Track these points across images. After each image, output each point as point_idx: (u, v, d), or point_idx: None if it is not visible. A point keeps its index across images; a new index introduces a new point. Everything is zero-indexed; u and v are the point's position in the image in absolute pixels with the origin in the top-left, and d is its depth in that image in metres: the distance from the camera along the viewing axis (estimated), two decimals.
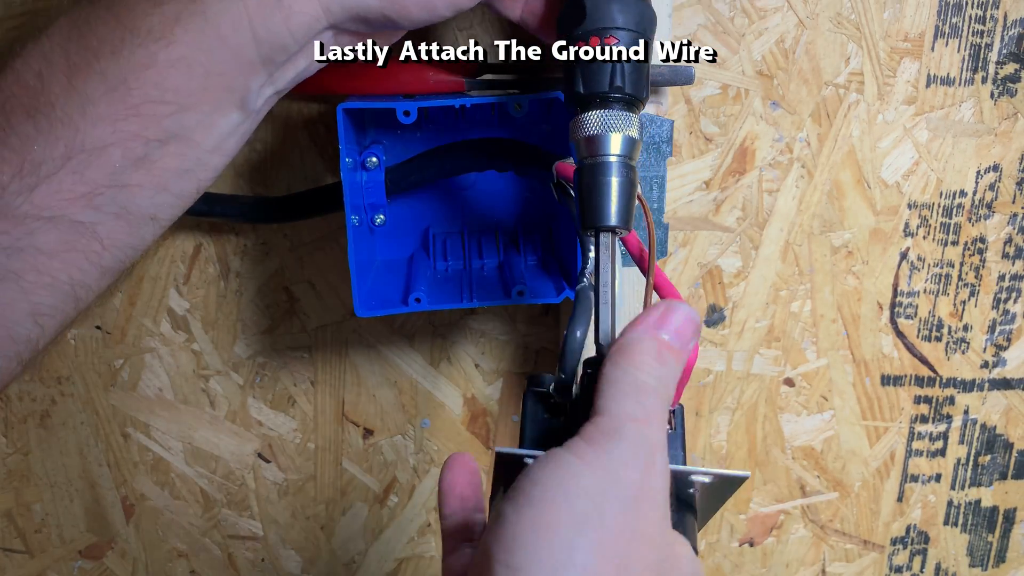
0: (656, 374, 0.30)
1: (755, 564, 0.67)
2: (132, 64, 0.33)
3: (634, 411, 0.29)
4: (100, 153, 0.33)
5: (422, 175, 0.50)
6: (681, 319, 0.32)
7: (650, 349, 0.31)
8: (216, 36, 0.33)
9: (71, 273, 0.34)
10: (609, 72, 0.37)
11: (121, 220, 0.35)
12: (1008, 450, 0.65)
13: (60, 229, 0.33)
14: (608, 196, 0.36)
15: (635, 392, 0.30)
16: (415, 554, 0.66)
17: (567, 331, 0.35)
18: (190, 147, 0.35)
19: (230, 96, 0.35)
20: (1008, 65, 0.56)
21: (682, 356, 0.32)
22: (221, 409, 0.61)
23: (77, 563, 0.64)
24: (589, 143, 0.37)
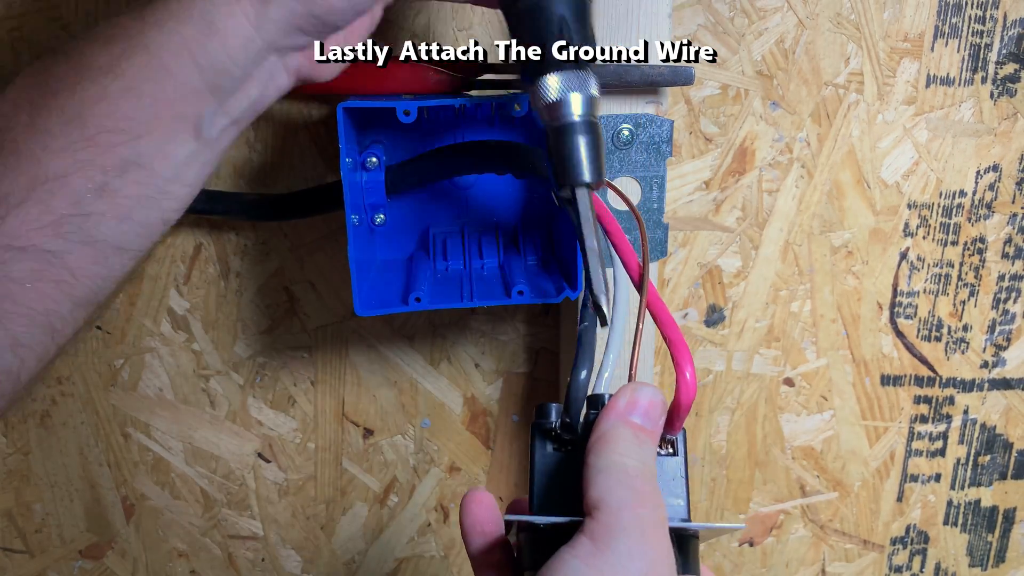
0: (638, 457, 0.33)
1: (755, 564, 0.67)
2: (85, 98, 0.35)
3: (627, 497, 0.31)
4: (62, 183, 0.35)
5: (421, 176, 0.50)
6: (648, 400, 0.35)
7: (626, 434, 0.33)
8: (160, 66, 0.35)
9: (45, 304, 0.36)
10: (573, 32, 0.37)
11: (88, 248, 0.36)
12: (1008, 450, 0.65)
13: (31, 258, 0.35)
14: (577, 153, 0.37)
15: (624, 477, 0.32)
16: (415, 554, 0.66)
17: (572, 374, 0.36)
18: (149, 175, 0.37)
19: (182, 124, 0.37)
20: (1008, 65, 0.56)
21: (655, 435, 0.34)
22: (221, 409, 0.61)
23: (77, 563, 0.64)
24: (551, 108, 0.38)
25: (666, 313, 0.37)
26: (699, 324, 0.61)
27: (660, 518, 0.32)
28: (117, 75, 0.35)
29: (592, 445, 0.33)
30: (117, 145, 0.35)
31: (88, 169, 0.35)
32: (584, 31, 0.38)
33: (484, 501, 0.38)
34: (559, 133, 0.37)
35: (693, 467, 0.64)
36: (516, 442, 0.63)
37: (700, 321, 0.61)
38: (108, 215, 0.36)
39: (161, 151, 0.36)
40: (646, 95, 0.50)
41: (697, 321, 0.61)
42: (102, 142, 0.35)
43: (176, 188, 0.38)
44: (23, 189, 0.35)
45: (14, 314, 0.35)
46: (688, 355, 0.35)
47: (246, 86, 0.38)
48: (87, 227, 0.36)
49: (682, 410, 0.35)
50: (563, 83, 0.37)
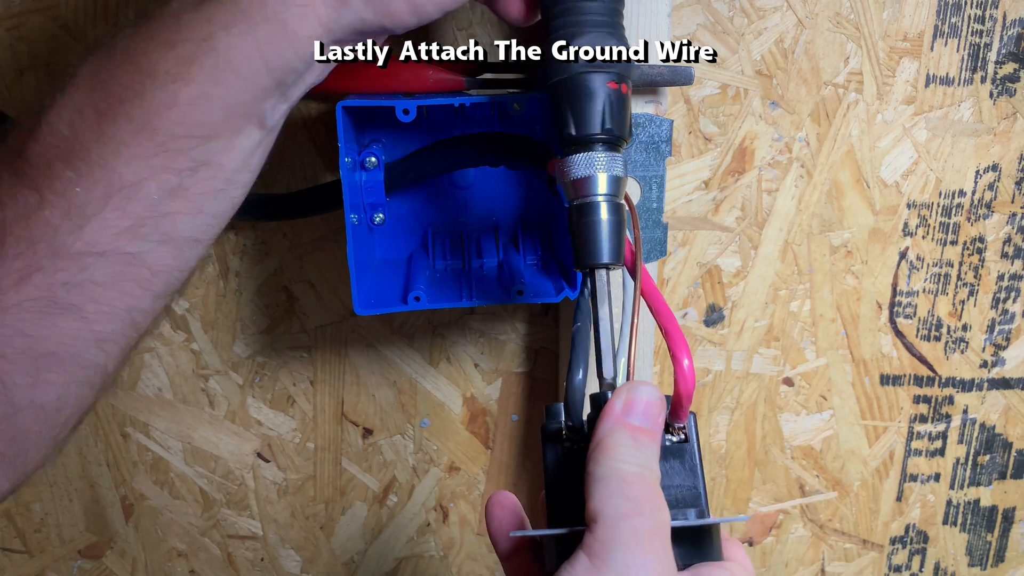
0: (636, 460, 0.33)
1: (755, 564, 0.67)
2: (155, 105, 0.35)
3: (623, 507, 0.31)
4: (137, 189, 0.36)
5: (417, 172, 0.50)
6: (645, 399, 0.34)
7: (624, 438, 0.33)
8: (230, 70, 0.36)
9: (126, 300, 0.37)
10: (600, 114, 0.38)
11: (166, 246, 0.37)
12: (1007, 449, 0.65)
13: (111, 262, 0.36)
14: (600, 235, 0.38)
15: (620, 486, 0.32)
16: (414, 553, 0.66)
17: (568, 376, 0.36)
18: (218, 171, 0.37)
19: (249, 120, 0.37)
20: (1007, 65, 0.56)
21: (655, 434, 0.34)
22: (220, 409, 0.61)
23: (77, 563, 0.64)
24: (577, 185, 0.38)
25: (663, 305, 0.37)
26: (699, 324, 0.61)
27: (658, 524, 0.32)
28: (187, 81, 0.35)
29: (591, 453, 0.33)
30: (189, 149, 0.36)
31: (162, 174, 0.36)
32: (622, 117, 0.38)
33: (507, 504, 0.39)
34: (582, 211, 0.38)
35: None
36: (515, 442, 0.63)
37: (700, 321, 0.61)
38: (182, 212, 0.37)
39: (229, 147, 0.37)
40: (646, 95, 0.50)
41: (697, 321, 0.61)
42: (174, 147, 0.36)
43: (243, 176, 0.39)
44: (99, 198, 0.35)
45: (98, 314, 0.36)
46: (685, 345, 0.35)
47: (306, 77, 0.38)
48: (163, 226, 0.37)
49: (684, 400, 0.35)
50: (591, 162, 0.38)
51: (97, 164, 0.35)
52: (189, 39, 0.35)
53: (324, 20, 0.36)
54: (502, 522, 0.38)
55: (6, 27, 0.52)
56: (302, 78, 0.38)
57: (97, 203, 0.35)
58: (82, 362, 0.37)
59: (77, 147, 0.35)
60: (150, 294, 0.38)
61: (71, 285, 0.35)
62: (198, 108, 0.36)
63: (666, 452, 0.36)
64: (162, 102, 0.35)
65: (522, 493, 0.64)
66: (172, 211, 0.37)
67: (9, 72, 0.53)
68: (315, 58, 0.38)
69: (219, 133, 0.36)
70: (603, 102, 0.38)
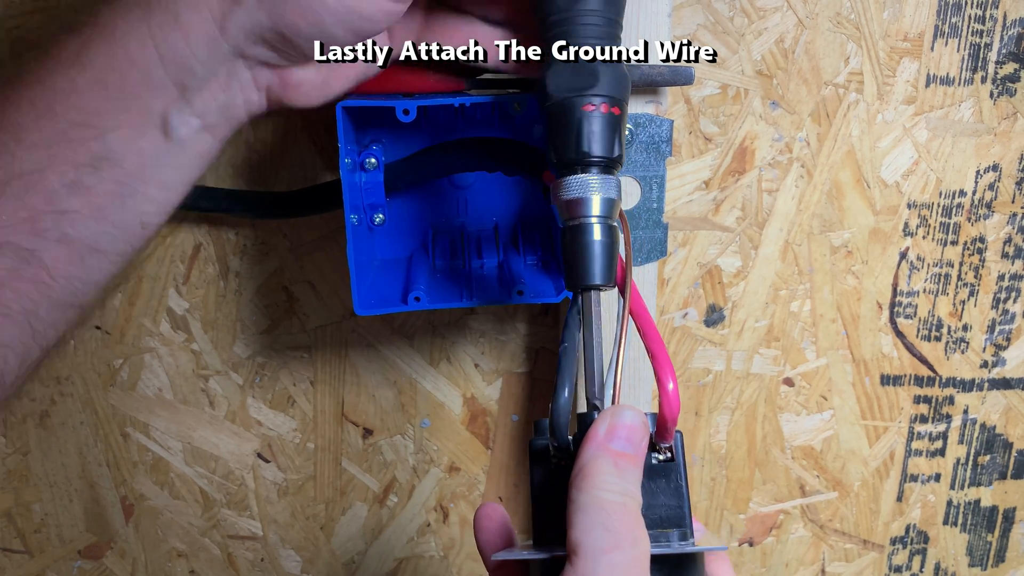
0: (617, 488, 0.32)
1: (755, 564, 0.67)
2: (55, 90, 0.35)
3: (603, 540, 0.31)
4: (37, 178, 0.35)
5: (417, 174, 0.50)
6: (628, 424, 0.34)
7: (606, 466, 0.33)
8: (124, 57, 0.35)
9: (23, 303, 0.36)
10: (609, 138, 0.38)
11: (64, 247, 0.36)
12: (1007, 450, 0.65)
13: (6, 256, 0.35)
14: (592, 256, 0.38)
15: (601, 516, 0.32)
16: (415, 554, 0.66)
17: (553, 396, 0.36)
18: (121, 172, 0.37)
19: (150, 120, 0.37)
20: (1007, 65, 0.56)
21: (638, 459, 0.34)
22: (221, 409, 0.61)
23: (77, 563, 0.64)
24: (570, 206, 0.38)
25: (650, 324, 0.38)
26: (699, 324, 0.61)
27: (636, 557, 0.32)
28: (84, 66, 0.35)
29: (573, 479, 0.33)
30: (88, 140, 0.36)
31: (61, 164, 0.35)
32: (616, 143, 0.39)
33: (495, 516, 0.38)
34: (575, 232, 0.38)
35: (692, 467, 0.64)
36: (516, 442, 0.63)
37: (700, 321, 0.61)
38: (83, 213, 0.36)
39: (131, 147, 0.36)
40: (646, 95, 0.50)
41: (697, 321, 0.60)
42: (74, 136, 0.35)
43: (151, 190, 0.38)
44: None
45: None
46: (670, 368, 0.36)
47: (211, 87, 0.37)
48: (62, 224, 0.36)
49: (669, 424, 0.35)
50: (587, 183, 0.38)
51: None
52: (91, 24, 0.36)
53: (216, 15, 0.36)
54: (490, 535, 0.38)
55: (7, 27, 0.52)
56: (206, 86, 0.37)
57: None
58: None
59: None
60: (48, 300, 0.37)
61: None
62: (95, 94, 0.35)
63: (652, 471, 0.36)
64: (62, 87, 0.35)
65: (522, 494, 0.64)
66: (71, 208, 0.36)
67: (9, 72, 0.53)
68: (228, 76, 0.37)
69: (117, 127, 0.36)
70: (599, 127, 0.38)
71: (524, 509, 0.64)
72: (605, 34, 0.38)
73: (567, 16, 0.38)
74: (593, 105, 0.38)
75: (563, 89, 0.38)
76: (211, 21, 0.36)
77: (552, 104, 0.38)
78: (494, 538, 0.38)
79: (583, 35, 0.38)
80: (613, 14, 0.39)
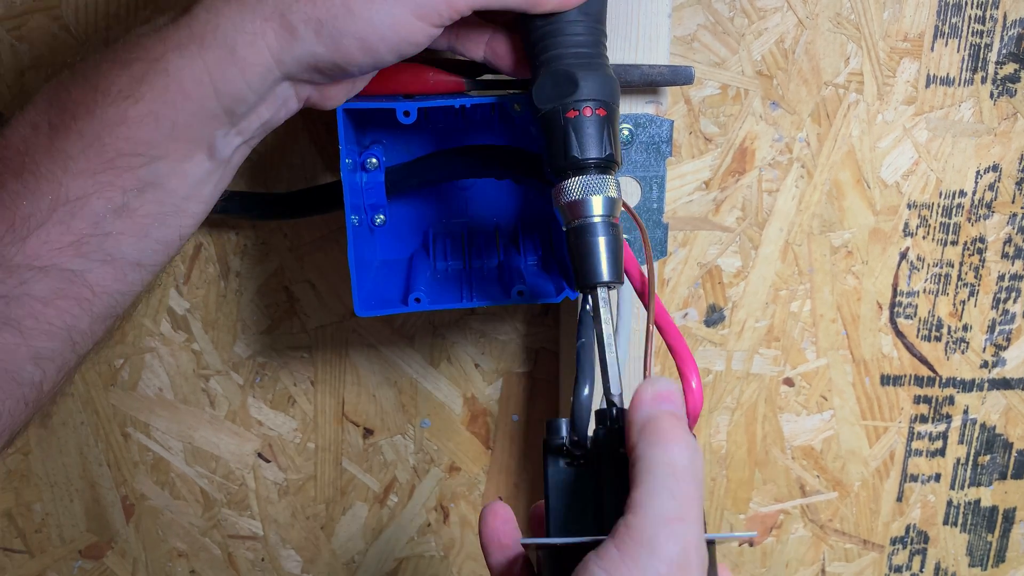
0: (688, 452, 0.31)
1: (755, 564, 0.67)
2: (105, 121, 0.36)
3: (669, 508, 0.30)
4: (82, 204, 0.36)
5: (421, 179, 0.50)
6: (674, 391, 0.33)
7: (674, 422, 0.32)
8: (179, 91, 0.36)
9: (65, 319, 0.37)
10: (597, 139, 0.39)
11: (108, 267, 0.37)
12: (1007, 450, 0.65)
13: (52, 277, 0.36)
14: (598, 255, 0.39)
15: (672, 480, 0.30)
16: (415, 554, 0.66)
17: (574, 392, 0.36)
18: (166, 194, 0.38)
19: (198, 146, 0.38)
20: (1008, 65, 0.56)
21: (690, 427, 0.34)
22: (221, 409, 0.61)
23: (77, 563, 0.64)
24: (571, 208, 0.39)
25: (670, 323, 0.38)
26: (699, 324, 0.61)
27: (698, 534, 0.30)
28: (137, 99, 0.36)
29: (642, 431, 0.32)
30: (136, 168, 0.36)
31: (107, 190, 0.36)
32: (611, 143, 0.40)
33: (502, 514, 0.38)
34: (579, 233, 0.39)
35: None
36: (516, 442, 0.63)
37: (700, 321, 0.61)
38: (127, 234, 0.37)
39: (177, 171, 0.37)
40: (646, 95, 0.50)
41: (697, 321, 0.61)
42: (121, 164, 0.36)
43: (192, 206, 0.39)
44: (44, 211, 0.35)
45: (36, 330, 0.36)
46: (694, 365, 0.36)
47: (259, 110, 0.39)
48: (107, 246, 0.37)
49: (691, 420, 0.35)
50: (585, 185, 0.39)
51: (45, 177, 0.35)
52: (142, 59, 0.36)
53: (274, 50, 0.37)
54: (496, 532, 0.38)
55: (7, 27, 0.52)
56: (255, 110, 0.38)
57: (41, 215, 0.35)
58: (17, 378, 0.37)
59: (28, 161, 0.36)
60: (90, 315, 0.38)
61: (10, 298, 0.35)
62: (146, 126, 0.36)
63: None
64: (112, 119, 0.36)
65: (523, 494, 0.64)
66: (116, 231, 0.37)
67: (10, 73, 0.53)
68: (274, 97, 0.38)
69: (166, 154, 0.37)
70: (593, 129, 0.39)
71: (524, 509, 0.64)
72: (586, 42, 0.40)
73: (548, 30, 0.40)
74: (576, 110, 0.39)
75: (547, 100, 0.39)
76: (268, 54, 0.37)
77: (541, 116, 0.40)
78: (501, 536, 0.38)
79: (563, 45, 0.39)
80: (593, 21, 0.40)
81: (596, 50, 0.40)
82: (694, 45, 0.55)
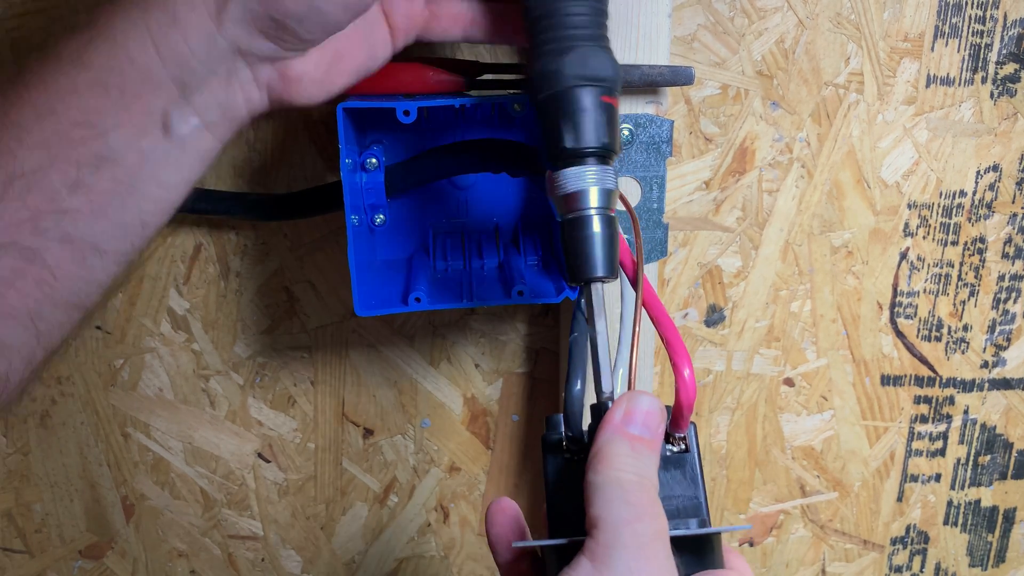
0: (634, 469, 0.33)
1: (755, 564, 0.67)
2: (57, 91, 0.35)
3: (624, 513, 0.32)
4: (38, 178, 0.35)
5: (419, 176, 0.50)
6: (645, 409, 0.34)
7: (623, 449, 0.33)
8: (125, 57, 0.36)
9: (27, 304, 0.36)
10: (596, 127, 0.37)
11: (67, 247, 0.36)
12: (1008, 450, 0.65)
13: (11, 256, 0.35)
14: (593, 248, 0.37)
15: (620, 492, 0.32)
16: (415, 554, 0.66)
17: (565, 387, 0.36)
18: (122, 171, 0.37)
19: (151, 120, 0.37)
20: (1008, 65, 0.56)
21: (655, 444, 0.34)
22: (221, 409, 0.61)
23: (77, 563, 0.64)
24: (568, 199, 0.38)
25: (664, 314, 0.37)
26: (699, 324, 0.61)
27: (658, 530, 0.32)
28: (85, 66, 0.35)
29: (590, 461, 0.34)
30: (89, 139, 0.36)
31: (63, 164, 0.35)
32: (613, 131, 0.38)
33: (508, 511, 0.38)
34: (574, 225, 0.37)
35: None
36: (516, 442, 0.63)
37: (700, 321, 0.61)
38: (84, 212, 0.36)
39: (132, 146, 0.36)
40: (646, 95, 0.50)
41: (697, 321, 0.61)
42: (75, 136, 0.35)
43: (151, 188, 0.38)
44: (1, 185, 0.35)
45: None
46: (686, 355, 0.35)
47: (212, 85, 0.37)
48: (64, 224, 0.36)
49: (684, 410, 0.35)
50: (582, 176, 0.37)
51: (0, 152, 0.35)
52: (91, 24, 0.36)
53: (212, 11, 0.36)
54: (503, 529, 0.38)
55: (6, 27, 0.52)
56: (206, 84, 0.37)
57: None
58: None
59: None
60: (52, 301, 0.37)
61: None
62: (95, 94, 0.35)
63: (666, 462, 0.36)
64: (63, 87, 0.35)
65: (523, 494, 0.64)
66: (73, 207, 0.36)
67: (10, 72, 0.53)
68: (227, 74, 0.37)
69: (118, 124, 0.36)
70: (594, 116, 0.37)
71: (525, 509, 0.64)
72: (591, 23, 0.38)
73: (553, 7, 0.37)
74: (575, 96, 0.37)
75: (546, 84, 0.37)
76: (207, 16, 0.36)
77: (545, 96, 0.38)
78: (507, 533, 0.38)
79: (569, 25, 0.37)
80: (598, 3, 0.38)
81: (598, 31, 0.38)
82: (694, 45, 0.55)
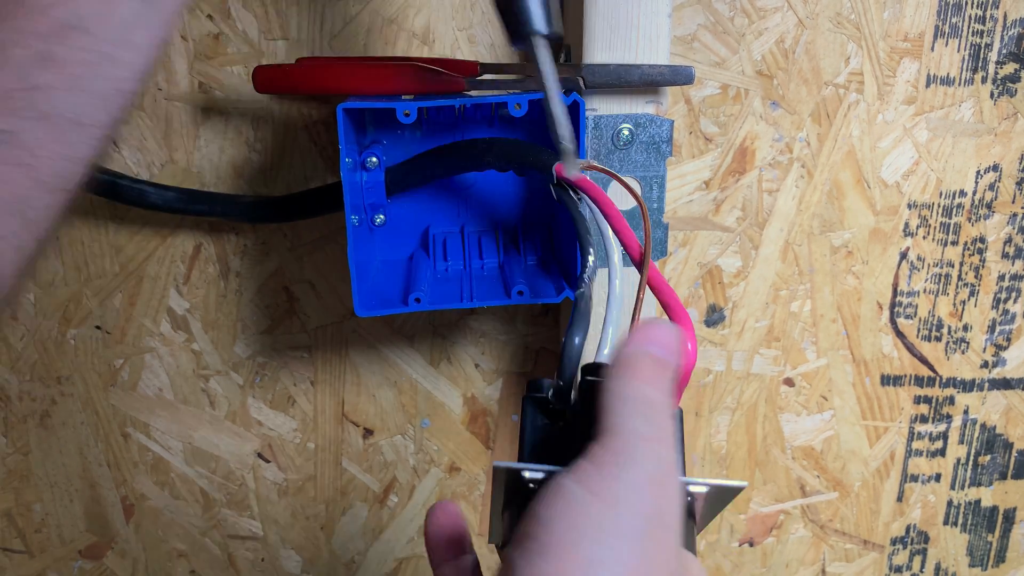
0: (662, 389, 0.30)
1: (755, 564, 0.67)
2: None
3: (646, 429, 0.28)
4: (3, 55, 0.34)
5: (421, 175, 0.50)
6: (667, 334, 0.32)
7: (653, 364, 0.30)
8: None
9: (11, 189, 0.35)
10: None
11: (44, 124, 0.35)
12: (1008, 450, 0.65)
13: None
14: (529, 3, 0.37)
15: (646, 408, 0.29)
16: (415, 554, 0.66)
17: (565, 337, 0.35)
18: (92, 40, 0.35)
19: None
20: (1008, 65, 0.56)
21: (676, 373, 0.32)
22: (221, 409, 0.61)
23: (77, 563, 0.64)
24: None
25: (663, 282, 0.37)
26: (699, 324, 0.61)
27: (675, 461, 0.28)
28: None
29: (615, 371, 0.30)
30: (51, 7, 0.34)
31: (28, 38, 0.34)
32: None
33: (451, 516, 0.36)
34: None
35: (693, 467, 0.64)
36: (516, 442, 0.63)
37: (700, 321, 0.61)
38: (57, 87, 0.35)
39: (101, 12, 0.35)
40: (646, 95, 0.50)
41: (697, 321, 0.60)
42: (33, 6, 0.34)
43: (125, 53, 0.36)
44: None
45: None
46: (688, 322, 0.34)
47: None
48: (38, 101, 0.35)
49: (684, 377, 0.33)
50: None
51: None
52: None
53: None
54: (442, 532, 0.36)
55: None
56: None
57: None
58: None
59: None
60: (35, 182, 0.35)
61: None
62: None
63: None
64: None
65: None
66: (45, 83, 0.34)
67: None
68: None
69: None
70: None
71: None
72: None
73: None
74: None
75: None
76: None
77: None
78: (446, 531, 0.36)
79: None
80: None
81: None
82: (694, 45, 0.55)
